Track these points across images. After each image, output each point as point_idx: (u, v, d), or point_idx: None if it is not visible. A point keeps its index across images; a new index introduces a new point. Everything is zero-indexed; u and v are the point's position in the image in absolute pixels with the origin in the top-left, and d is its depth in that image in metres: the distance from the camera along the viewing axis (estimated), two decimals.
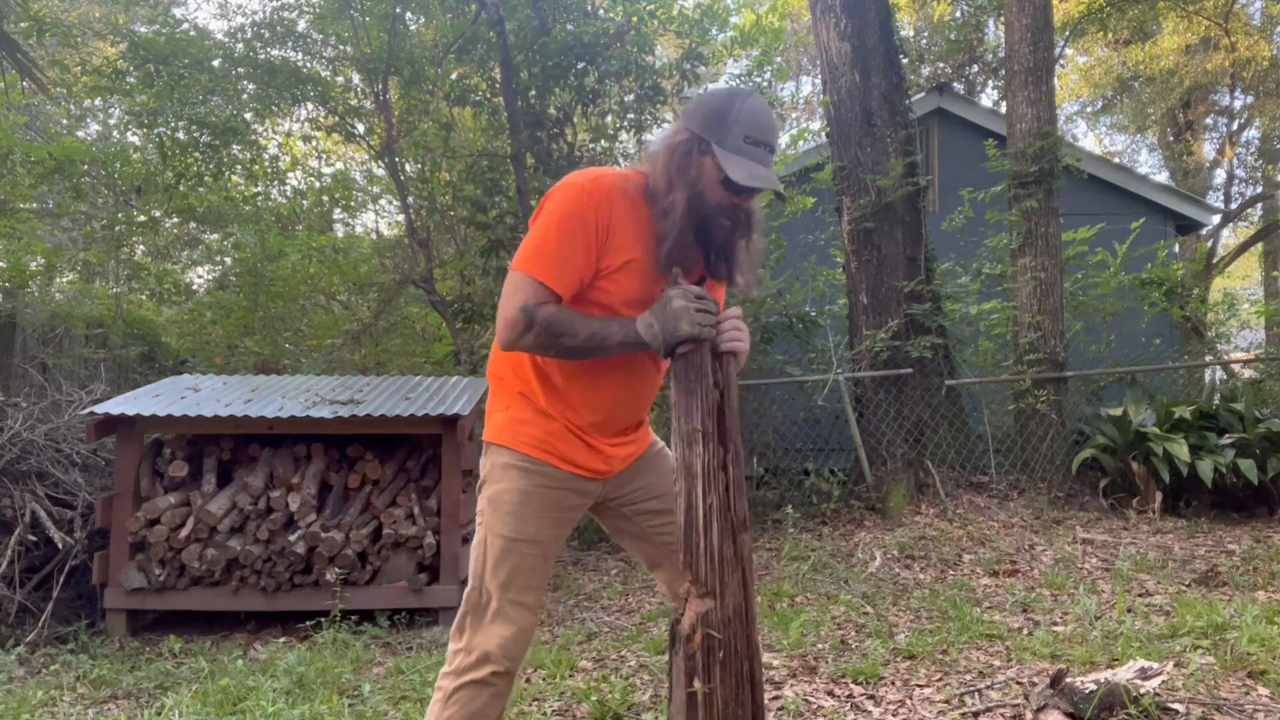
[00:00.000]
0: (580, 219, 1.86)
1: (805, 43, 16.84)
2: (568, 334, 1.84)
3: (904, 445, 6.99)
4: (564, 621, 4.62)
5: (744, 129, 1.88)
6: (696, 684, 1.70)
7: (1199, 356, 9.44)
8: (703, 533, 1.74)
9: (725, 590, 1.74)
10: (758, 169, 1.87)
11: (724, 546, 1.75)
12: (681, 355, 1.84)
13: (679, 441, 1.80)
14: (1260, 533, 5.86)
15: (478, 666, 1.91)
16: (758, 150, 1.89)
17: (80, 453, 5.41)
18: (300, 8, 8.51)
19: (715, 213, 1.92)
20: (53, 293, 10.35)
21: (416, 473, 5.16)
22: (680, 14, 7.88)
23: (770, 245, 8.01)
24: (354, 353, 9.29)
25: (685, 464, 1.77)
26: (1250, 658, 3.23)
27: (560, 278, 1.87)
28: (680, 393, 1.83)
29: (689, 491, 1.76)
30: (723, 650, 1.72)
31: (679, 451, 1.80)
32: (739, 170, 1.85)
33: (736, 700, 1.73)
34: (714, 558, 1.74)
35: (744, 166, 1.86)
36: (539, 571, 1.97)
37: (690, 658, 1.71)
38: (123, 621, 4.72)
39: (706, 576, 1.73)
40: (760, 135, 1.89)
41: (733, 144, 1.88)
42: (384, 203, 13.25)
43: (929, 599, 4.55)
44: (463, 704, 1.90)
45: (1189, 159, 18.27)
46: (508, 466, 1.98)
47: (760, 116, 1.90)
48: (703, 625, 1.71)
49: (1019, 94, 7.49)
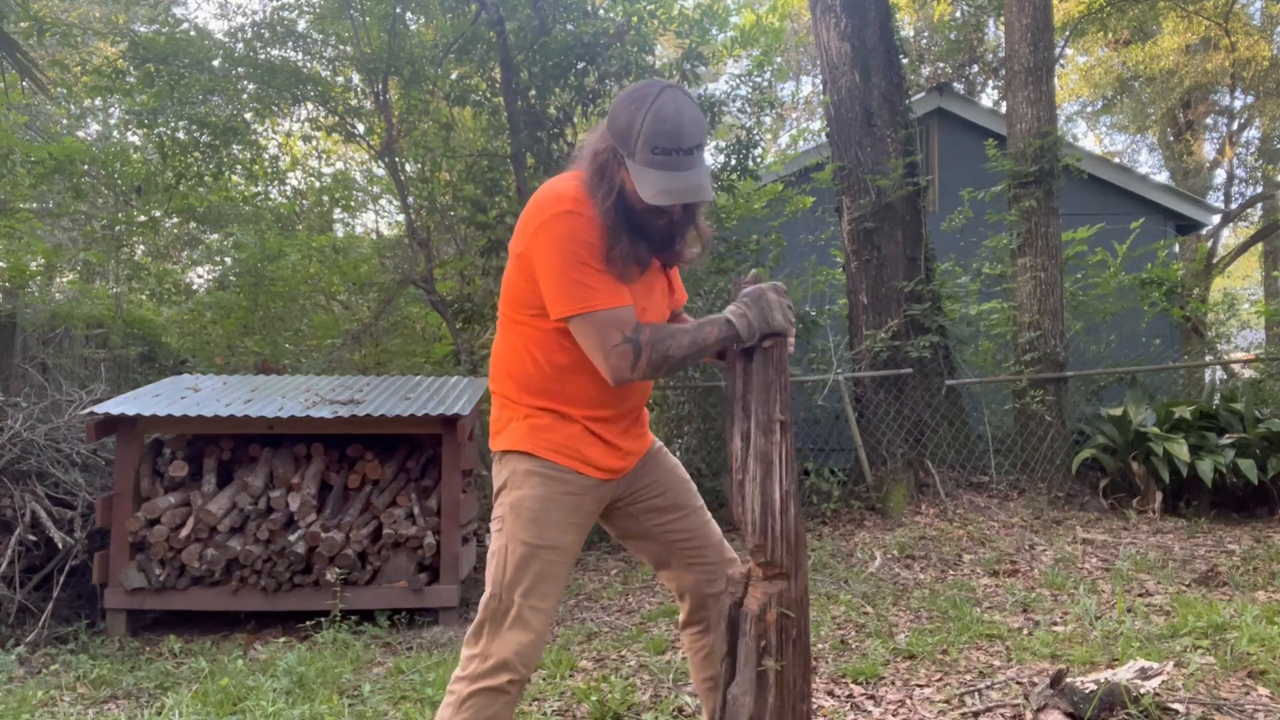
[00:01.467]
0: (589, 244, 1.85)
1: (805, 43, 16.84)
2: (673, 347, 1.86)
3: (904, 445, 6.99)
4: (564, 621, 4.62)
5: (650, 139, 1.77)
6: (768, 662, 1.75)
7: (1199, 356, 9.44)
8: (779, 517, 1.81)
9: (799, 571, 1.82)
10: (669, 181, 1.77)
11: (798, 530, 1.84)
12: (763, 349, 1.89)
13: (755, 431, 1.85)
14: (1260, 533, 5.86)
15: (494, 674, 1.89)
16: (669, 158, 1.77)
17: (80, 453, 5.41)
18: (300, 8, 8.50)
19: (646, 216, 1.86)
20: (53, 293, 10.35)
21: (416, 473, 5.16)
22: (680, 14, 7.87)
23: (770, 245, 8.01)
24: (354, 353, 9.29)
25: (762, 452, 1.83)
26: (1250, 658, 3.23)
27: (623, 294, 1.86)
28: (758, 386, 1.88)
29: (766, 477, 1.82)
30: (795, 629, 1.79)
31: (756, 441, 1.84)
32: (647, 186, 1.77)
33: (804, 678, 1.81)
34: (790, 540, 1.82)
35: (653, 181, 1.77)
36: (559, 578, 1.97)
37: (762, 636, 1.76)
38: (123, 621, 4.72)
39: (783, 558, 1.80)
40: (669, 143, 1.77)
41: (641, 156, 1.78)
42: (384, 203, 13.24)
43: (929, 599, 4.55)
44: (476, 710, 1.89)
45: (1189, 159, 18.27)
46: (529, 473, 1.97)
47: (667, 120, 1.77)
48: (777, 605, 1.78)
49: (1019, 94, 7.49)
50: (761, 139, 8.92)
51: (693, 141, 1.80)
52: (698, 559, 2.16)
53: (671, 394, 7.67)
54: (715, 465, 7.02)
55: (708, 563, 2.16)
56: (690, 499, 2.19)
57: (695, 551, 2.15)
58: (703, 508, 2.21)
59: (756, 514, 1.80)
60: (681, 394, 7.64)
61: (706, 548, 2.16)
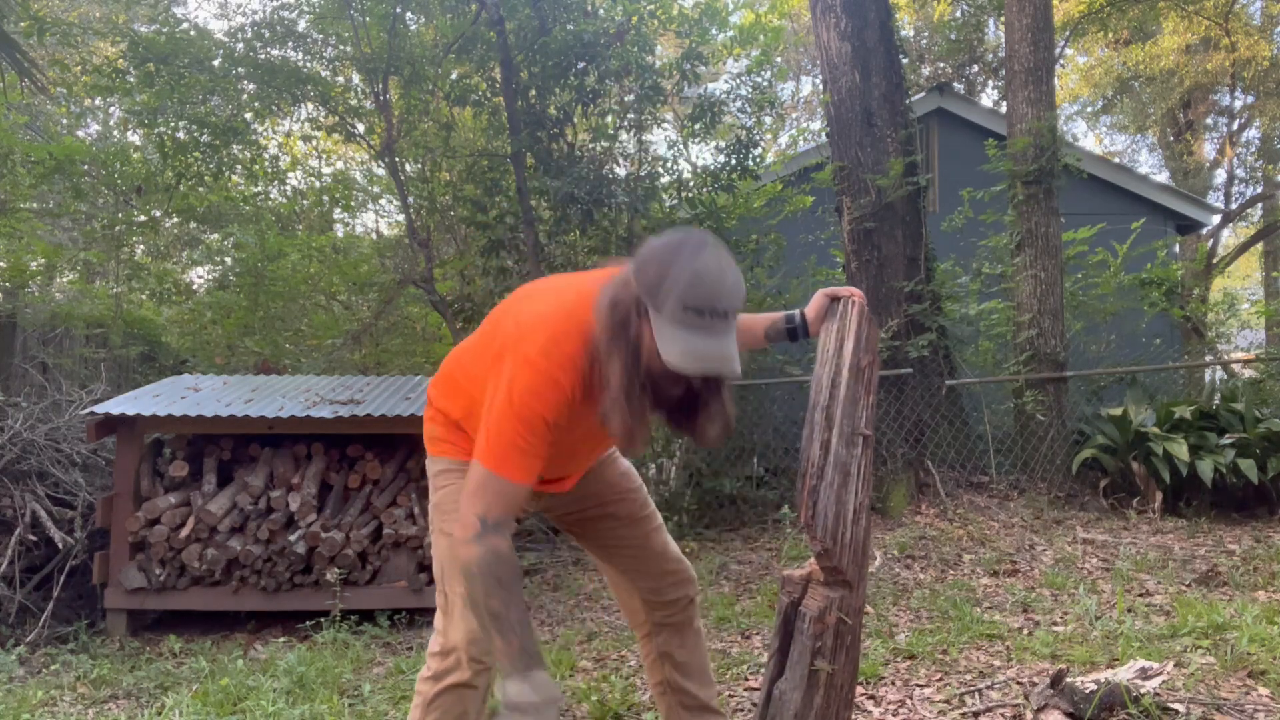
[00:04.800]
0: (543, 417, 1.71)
1: (805, 43, 16.85)
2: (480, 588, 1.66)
3: (904, 445, 6.99)
4: (564, 621, 4.62)
5: (683, 296, 1.58)
6: (821, 663, 1.78)
7: (1199, 356, 9.44)
8: (850, 527, 1.83)
9: (861, 582, 1.85)
10: (698, 344, 1.59)
11: (867, 542, 1.87)
12: (859, 369, 1.95)
13: (837, 442, 1.87)
14: (1260, 533, 5.86)
15: (458, 668, 1.92)
16: (702, 319, 1.59)
17: (80, 453, 5.41)
18: (300, 8, 8.51)
19: (663, 380, 1.68)
20: (53, 293, 10.35)
21: (417, 472, 5.16)
22: (680, 14, 7.87)
23: (770, 244, 8.02)
24: (354, 353, 9.29)
25: (842, 463, 1.86)
26: (1250, 658, 3.23)
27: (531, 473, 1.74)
28: (846, 399, 1.91)
29: (843, 487, 1.84)
30: (849, 636, 1.82)
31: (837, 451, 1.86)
32: (672, 349, 1.59)
33: (850, 685, 1.85)
34: (858, 551, 1.84)
35: (680, 342, 1.59)
36: None
37: (819, 637, 1.79)
38: (123, 621, 4.72)
39: (848, 567, 1.82)
40: (704, 303, 1.59)
41: (670, 312, 1.59)
42: (384, 203, 13.24)
43: (929, 599, 4.55)
44: (444, 709, 1.91)
45: (1189, 159, 18.27)
46: (445, 472, 2.01)
47: (706, 278, 1.59)
48: (837, 610, 1.81)
49: (1019, 94, 7.49)
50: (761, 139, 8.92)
51: (730, 305, 1.63)
52: (636, 568, 2.20)
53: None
54: (715, 465, 7.02)
55: (644, 572, 2.21)
56: (633, 510, 2.21)
57: (634, 561, 2.20)
58: (648, 517, 2.23)
59: (829, 521, 1.81)
60: None
61: (646, 559, 2.20)
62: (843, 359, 1.96)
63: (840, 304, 2.04)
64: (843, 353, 1.97)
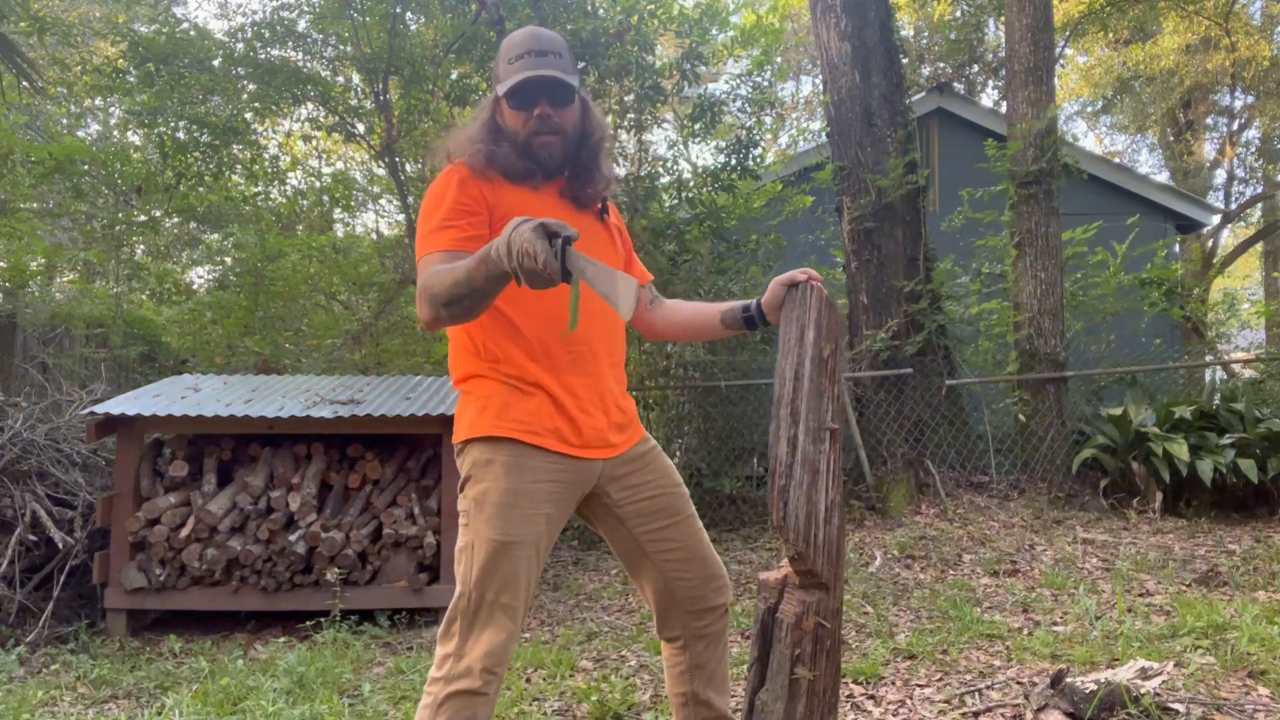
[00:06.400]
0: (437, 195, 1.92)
1: (805, 43, 16.85)
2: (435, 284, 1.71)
3: (904, 445, 6.99)
4: (564, 621, 4.62)
5: (505, 53, 1.94)
6: (801, 671, 1.74)
7: (1199, 356, 9.44)
8: (823, 526, 1.79)
9: (837, 583, 1.81)
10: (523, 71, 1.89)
11: (841, 541, 1.82)
12: (821, 358, 1.89)
13: (804, 438, 1.81)
14: (1260, 533, 5.86)
15: (469, 675, 1.82)
16: (523, 60, 1.90)
17: (80, 453, 5.41)
18: (300, 8, 8.51)
19: (531, 137, 1.94)
20: (53, 293, 10.35)
21: (417, 472, 5.16)
22: (680, 14, 7.86)
23: (770, 245, 8.01)
24: (354, 353, 9.29)
25: (810, 460, 1.81)
26: (1250, 658, 3.23)
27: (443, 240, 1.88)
28: (811, 392, 1.85)
29: (812, 485, 1.79)
30: (829, 640, 1.78)
31: (804, 447, 1.81)
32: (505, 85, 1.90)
33: (834, 689, 1.80)
34: (832, 551, 1.80)
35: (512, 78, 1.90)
36: (531, 573, 1.88)
37: (797, 644, 1.75)
38: (123, 621, 4.72)
39: (824, 569, 1.78)
40: (521, 49, 1.91)
41: (503, 74, 1.93)
42: (384, 203, 13.26)
43: (929, 599, 4.55)
44: (453, 713, 1.81)
45: (1189, 159, 18.27)
46: (489, 463, 1.87)
47: (518, 35, 1.94)
48: (814, 614, 1.77)
49: (1019, 94, 7.49)
50: (761, 139, 8.91)
51: (541, 45, 1.92)
52: (680, 573, 2.04)
53: (672, 394, 7.67)
54: (715, 465, 7.02)
55: (688, 577, 2.05)
56: (682, 506, 2.07)
57: (679, 564, 2.04)
58: (693, 516, 2.09)
59: (800, 522, 1.75)
60: (681, 394, 7.64)
61: (691, 561, 2.05)
62: (804, 348, 1.87)
63: (799, 290, 1.93)
64: (804, 342, 1.88)
